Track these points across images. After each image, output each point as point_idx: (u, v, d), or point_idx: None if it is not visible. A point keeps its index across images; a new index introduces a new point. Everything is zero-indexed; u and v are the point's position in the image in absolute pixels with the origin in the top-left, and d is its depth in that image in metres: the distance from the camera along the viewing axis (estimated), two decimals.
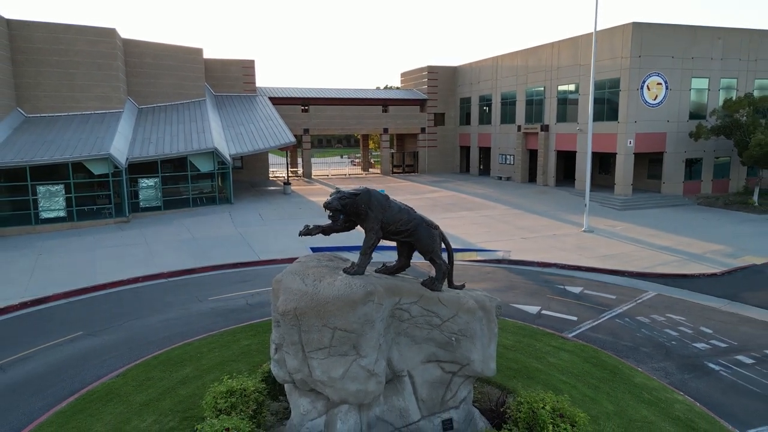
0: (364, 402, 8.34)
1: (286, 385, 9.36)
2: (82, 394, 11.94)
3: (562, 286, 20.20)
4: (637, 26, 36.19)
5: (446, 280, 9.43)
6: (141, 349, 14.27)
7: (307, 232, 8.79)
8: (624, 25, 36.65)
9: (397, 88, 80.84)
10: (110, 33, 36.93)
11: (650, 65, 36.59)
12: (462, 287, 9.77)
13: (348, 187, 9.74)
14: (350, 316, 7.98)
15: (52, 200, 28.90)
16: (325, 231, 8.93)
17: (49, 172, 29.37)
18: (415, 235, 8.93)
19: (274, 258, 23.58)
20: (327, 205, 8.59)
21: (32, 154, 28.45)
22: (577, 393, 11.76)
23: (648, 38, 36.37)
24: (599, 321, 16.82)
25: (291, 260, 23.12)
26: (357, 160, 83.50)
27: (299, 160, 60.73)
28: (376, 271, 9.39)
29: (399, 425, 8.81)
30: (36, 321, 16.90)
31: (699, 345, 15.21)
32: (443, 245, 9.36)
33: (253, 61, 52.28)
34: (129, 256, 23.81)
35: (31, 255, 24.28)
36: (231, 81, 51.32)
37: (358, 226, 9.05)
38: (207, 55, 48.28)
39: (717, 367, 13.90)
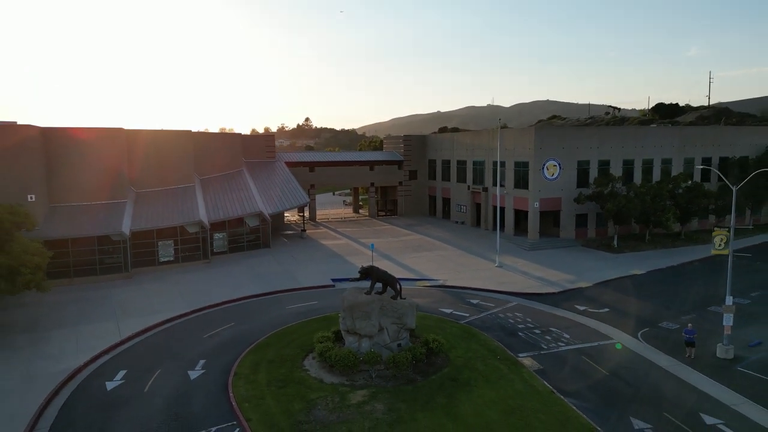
0: (371, 335, 26.14)
1: (342, 331, 27.07)
2: (254, 345, 29.51)
3: (468, 300, 38.23)
4: (538, 128, 55.05)
5: (399, 296, 27.31)
6: (269, 329, 31.87)
7: (350, 280, 26.85)
8: (530, 127, 55.51)
9: (382, 142, 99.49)
10: (187, 133, 54.79)
11: (548, 153, 55.38)
12: (405, 298, 27.63)
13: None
14: (367, 307, 25.85)
15: (166, 249, 46.37)
16: (357, 280, 26.99)
17: (163, 231, 46.77)
18: (388, 281, 26.96)
19: (312, 285, 41.27)
20: (359, 272, 26.61)
21: (156, 222, 45.96)
22: (453, 340, 29.61)
23: (545, 137, 55.24)
24: (479, 316, 34.81)
25: (322, 287, 41.05)
26: (347, 201, 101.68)
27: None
28: (374, 293, 27.22)
29: (382, 344, 26.60)
30: (206, 319, 34.33)
31: (521, 326, 33.21)
32: (399, 284, 27.35)
33: (273, 135, 70.61)
34: (229, 285, 41.34)
35: (170, 284, 41.66)
36: (257, 150, 69.21)
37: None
38: (230, 125, 66.22)
39: (522, 334, 31.83)
